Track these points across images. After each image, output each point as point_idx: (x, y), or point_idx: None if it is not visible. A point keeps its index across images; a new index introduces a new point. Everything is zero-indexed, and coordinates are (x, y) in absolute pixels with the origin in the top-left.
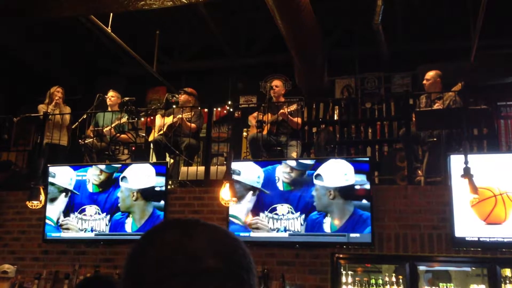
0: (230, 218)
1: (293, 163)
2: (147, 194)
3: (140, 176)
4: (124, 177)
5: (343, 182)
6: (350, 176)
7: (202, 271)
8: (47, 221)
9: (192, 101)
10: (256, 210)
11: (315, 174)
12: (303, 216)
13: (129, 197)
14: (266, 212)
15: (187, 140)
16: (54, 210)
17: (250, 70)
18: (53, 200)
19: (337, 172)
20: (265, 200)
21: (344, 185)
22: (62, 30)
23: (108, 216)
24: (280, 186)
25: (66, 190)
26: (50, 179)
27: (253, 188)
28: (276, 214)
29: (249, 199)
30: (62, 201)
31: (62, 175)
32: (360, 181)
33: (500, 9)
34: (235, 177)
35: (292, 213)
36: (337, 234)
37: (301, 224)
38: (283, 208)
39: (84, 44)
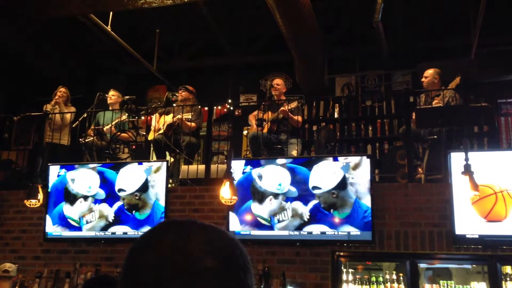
0: (257, 219)
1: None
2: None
3: (133, 177)
4: (120, 189)
5: (336, 179)
6: (337, 172)
7: (199, 271)
8: (70, 221)
9: (192, 99)
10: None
11: (311, 187)
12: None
13: (132, 199)
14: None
15: (187, 138)
16: (74, 211)
17: (251, 69)
18: (73, 202)
19: (327, 174)
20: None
21: (338, 181)
22: (62, 29)
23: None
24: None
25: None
26: (70, 185)
27: (274, 194)
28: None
29: (271, 202)
30: (83, 203)
31: (81, 180)
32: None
33: (500, 6)
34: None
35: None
36: (338, 232)
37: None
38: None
39: (85, 43)
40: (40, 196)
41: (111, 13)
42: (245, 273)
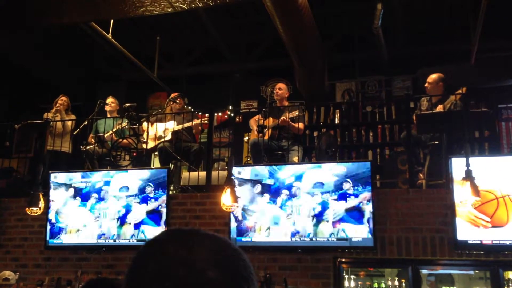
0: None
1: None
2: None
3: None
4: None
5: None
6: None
7: (203, 283)
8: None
9: (181, 102)
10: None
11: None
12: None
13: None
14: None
15: (196, 146)
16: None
17: (251, 75)
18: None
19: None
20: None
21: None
22: (63, 36)
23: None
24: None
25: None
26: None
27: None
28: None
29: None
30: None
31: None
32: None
33: (500, 11)
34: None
35: None
36: (339, 238)
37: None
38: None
39: (85, 51)
40: (42, 204)
41: (111, 20)
42: (249, 284)
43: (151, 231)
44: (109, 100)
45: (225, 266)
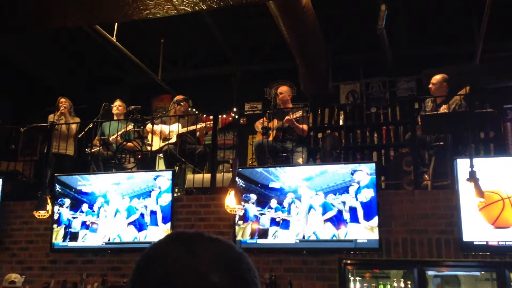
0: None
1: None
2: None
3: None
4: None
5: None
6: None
7: (206, 286)
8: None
9: (186, 105)
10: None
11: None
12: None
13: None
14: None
15: (200, 148)
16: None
17: (255, 77)
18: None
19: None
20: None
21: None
22: (67, 39)
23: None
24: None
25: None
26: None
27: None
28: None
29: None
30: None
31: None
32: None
33: (505, 11)
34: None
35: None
36: (344, 240)
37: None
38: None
39: (89, 54)
40: (49, 207)
41: (116, 24)
42: (252, 287)
43: (156, 234)
44: (117, 103)
45: (228, 269)
